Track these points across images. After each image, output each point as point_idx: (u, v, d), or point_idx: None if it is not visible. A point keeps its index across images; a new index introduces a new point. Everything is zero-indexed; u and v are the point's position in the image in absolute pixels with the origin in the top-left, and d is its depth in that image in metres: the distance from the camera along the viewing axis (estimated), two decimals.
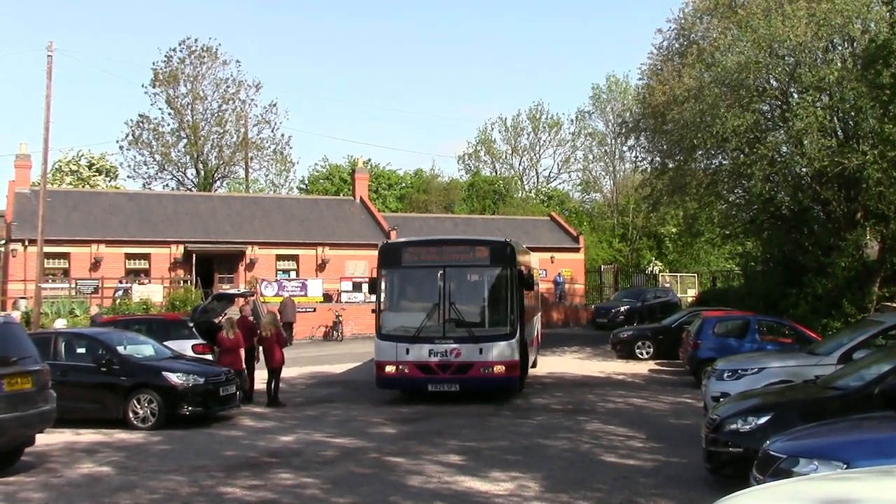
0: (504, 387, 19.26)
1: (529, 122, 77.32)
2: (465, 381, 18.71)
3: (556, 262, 50.63)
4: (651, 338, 29.64)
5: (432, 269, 19.36)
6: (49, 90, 35.16)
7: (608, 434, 14.99)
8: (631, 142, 35.02)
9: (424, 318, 19.18)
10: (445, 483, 11.27)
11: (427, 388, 18.95)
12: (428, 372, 18.86)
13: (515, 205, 69.82)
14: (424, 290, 19.91)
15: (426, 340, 18.91)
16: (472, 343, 18.75)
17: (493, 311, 19.82)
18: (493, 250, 19.63)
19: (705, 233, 36.66)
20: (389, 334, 19.32)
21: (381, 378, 19.32)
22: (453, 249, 19.96)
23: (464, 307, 19.54)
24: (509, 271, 19.29)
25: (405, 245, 20.59)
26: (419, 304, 20.04)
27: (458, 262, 19.59)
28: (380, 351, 19.34)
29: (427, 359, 18.84)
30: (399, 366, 18.97)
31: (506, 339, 18.91)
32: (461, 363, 18.66)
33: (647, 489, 10.76)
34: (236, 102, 62.75)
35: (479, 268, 19.88)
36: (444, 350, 18.73)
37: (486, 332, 19.15)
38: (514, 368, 18.89)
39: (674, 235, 57.67)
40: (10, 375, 12.03)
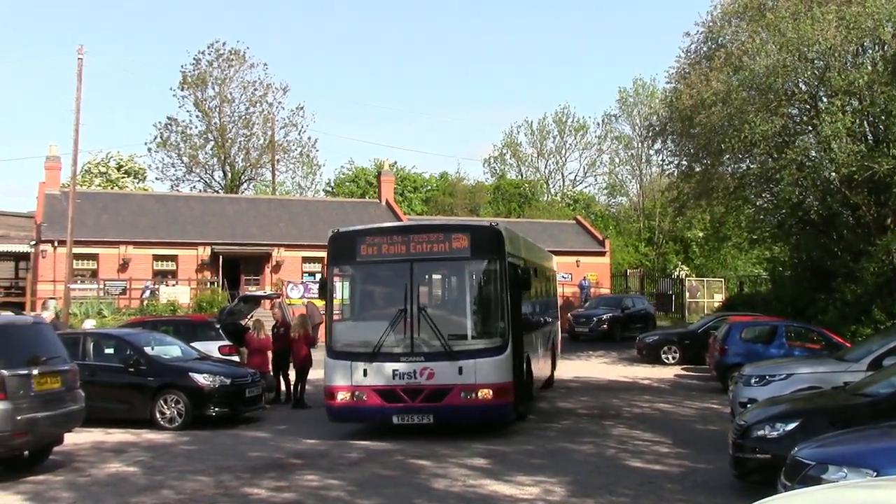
0: (493, 417, 15.14)
1: (555, 125, 77.16)
2: (440, 411, 14.60)
3: (581, 266, 50.43)
4: (677, 343, 29.52)
5: (397, 265, 15.34)
6: (79, 93, 35.57)
7: (634, 439, 14.93)
8: (658, 145, 34.87)
9: (387, 328, 14.95)
10: (470, 486, 11.26)
11: (392, 420, 14.86)
12: (392, 399, 14.76)
13: (541, 208, 69.63)
14: (387, 292, 16.27)
15: (390, 358, 14.83)
16: (449, 360, 14.66)
17: (477, 318, 15.72)
18: (476, 238, 15.30)
19: (732, 237, 36.42)
20: (342, 351, 15.25)
21: (331, 408, 15.18)
22: (424, 238, 15.45)
23: (438, 313, 15.85)
24: (498, 265, 15.11)
25: (361, 234, 15.91)
26: (380, 310, 16.14)
27: (431, 254, 15.32)
28: (330, 373, 15.19)
29: (391, 382, 14.73)
30: (355, 392, 14.86)
31: (494, 353, 14.78)
32: (435, 387, 14.57)
33: (674, 495, 10.71)
34: (263, 105, 63.08)
35: (458, 261, 15.54)
36: (414, 370, 14.65)
37: (468, 346, 15.03)
38: (505, 392, 14.72)
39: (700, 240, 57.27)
40: (40, 375, 12.15)
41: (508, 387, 14.83)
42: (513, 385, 14.92)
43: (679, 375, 26.18)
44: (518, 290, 15.84)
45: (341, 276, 15.98)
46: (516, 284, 15.62)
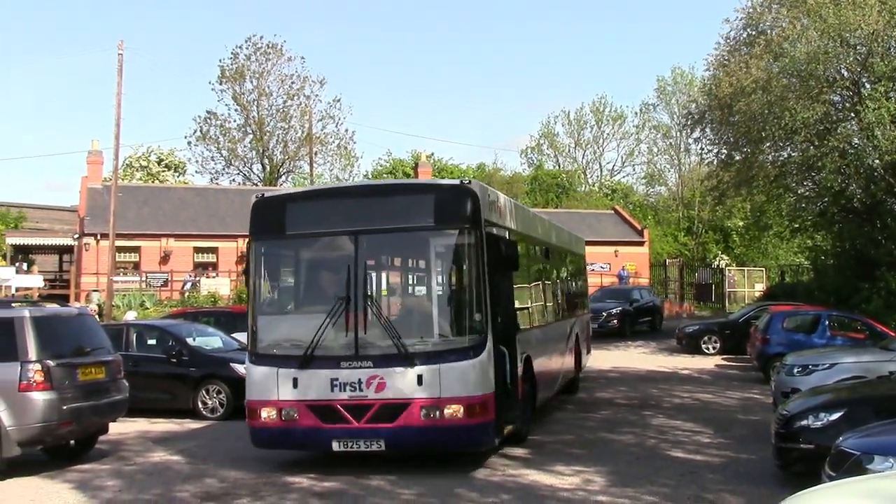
0: (464, 443, 11.39)
1: (593, 115, 76.69)
2: (394, 435, 11.03)
3: (620, 256, 50.25)
4: (718, 332, 29.32)
5: (338, 239, 11.95)
6: (120, 88, 35.97)
7: (674, 429, 14.84)
8: (696, 134, 34.53)
9: (324, 323, 11.32)
10: (510, 476, 11.28)
11: (331, 446, 11.28)
12: (331, 419, 11.16)
13: (579, 198, 69.34)
14: (324, 276, 12.66)
15: (327, 363, 11.28)
16: (405, 366, 11.04)
17: (444, 309, 12.01)
18: (442, 201, 11.57)
19: (773, 226, 36.09)
20: (267, 354, 11.75)
21: (255, 430, 11.70)
22: (373, 204, 11.93)
23: (392, 303, 13.01)
24: (473, 237, 11.34)
25: (291, 199, 12.70)
26: (315, 299, 12.47)
27: (383, 224, 11.71)
28: (252, 383, 11.74)
29: (329, 396, 11.17)
30: (282, 409, 11.34)
31: (466, 356, 11.08)
32: (387, 402, 11.02)
33: (715, 485, 10.64)
34: (301, 98, 63.40)
35: (419, 233, 11.93)
36: (358, 380, 11.08)
37: (430, 347, 11.36)
38: (481, 409, 11.03)
39: (741, 229, 56.83)
40: (85, 365, 12.36)
41: (486, 401, 11.08)
42: (492, 399, 11.21)
43: (719, 365, 26.00)
44: (505, 270, 12.29)
45: (266, 254, 12.34)
46: (501, 263, 11.86)
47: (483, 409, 11.11)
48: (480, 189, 11.76)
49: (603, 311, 33.48)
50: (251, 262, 12.16)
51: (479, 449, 11.75)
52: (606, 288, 39.93)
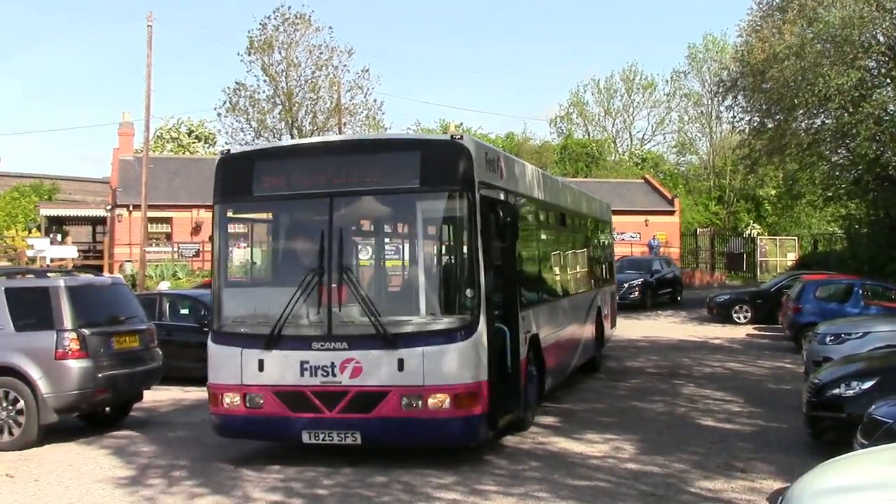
0: (451, 437, 10.02)
1: (623, 83, 75.95)
2: (370, 427, 9.84)
3: (650, 226, 49.96)
4: (749, 302, 29.21)
5: (310, 202, 10.61)
6: (149, 59, 36.08)
7: (705, 398, 14.82)
8: (728, 101, 34.16)
9: (294, 298, 10.06)
10: (540, 444, 11.32)
11: (301, 437, 10.10)
12: (300, 407, 9.99)
13: (609, 168, 68.90)
14: (295, 243, 11.47)
15: (297, 344, 10.08)
16: (384, 348, 9.79)
17: (430, 283, 10.61)
18: (430, 160, 10.19)
19: (806, 195, 35.72)
20: (230, 332, 10.57)
21: (217, 418, 10.57)
22: (350, 161, 10.44)
23: (371, 275, 11.87)
24: (465, 200, 10.00)
25: (259, 156, 11.36)
26: (285, 270, 11.29)
27: (361, 185, 10.40)
28: (214, 365, 10.55)
29: (298, 381, 9.98)
30: (247, 395, 10.21)
31: (455, 337, 9.79)
32: (363, 390, 9.81)
33: (746, 453, 10.63)
34: (329, 69, 63.08)
35: (402, 195, 10.56)
36: (331, 363, 9.86)
37: (413, 327, 10.01)
38: (472, 399, 9.75)
39: (773, 198, 56.25)
40: (119, 334, 12.53)
41: (476, 390, 9.76)
42: (485, 387, 9.88)
43: (751, 335, 25.89)
44: (505, 239, 10.89)
45: (232, 219, 11.19)
46: (499, 231, 10.55)
47: (473, 399, 9.76)
48: (474, 146, 10.25)
49: (624, 283, 31.76)
50: (215, 227, 10.95)
51: (467, 445, 10.23)
52: (626, 258, 38.47)
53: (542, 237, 14.33)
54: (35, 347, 11.80)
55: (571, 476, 9.60)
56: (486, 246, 10.17)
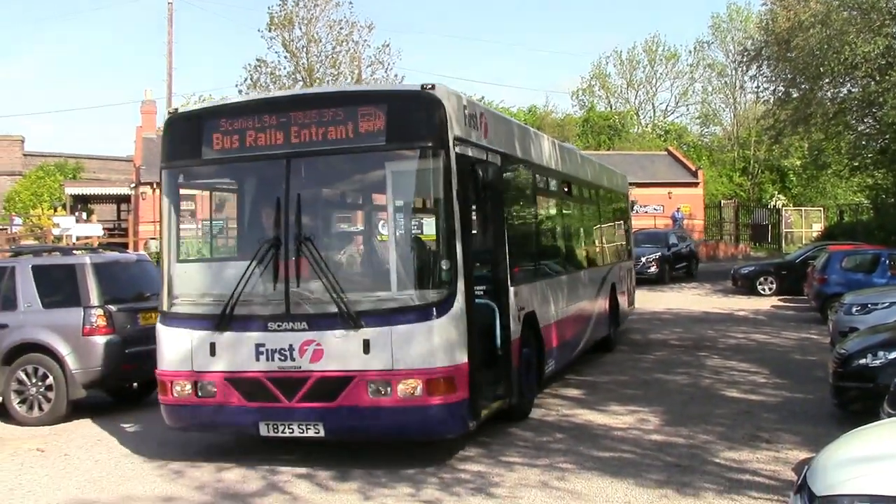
0: (426, 429, 8.95)
1: (645, 54, 75.37)
2: (335, 416, 8.80)
3: (673, 198, 49.69)
4: (774, 273, 29.06)
5: (266, 165, 9.51)
6: (170, 37, 36.31)
7: (729, 369, 14.77)
8: (752, 71, 33.93)
9: (248, 273, 9.04)
10: (565, 416, 11.35)
11: (258, 429, 9.10)
12: (257, 396, 9.00)
13: (631, 140, 68.52)
14: (250, 212, 10.54)
15: (251, 324, 9.06)
16: (348, 327, 8.73)
17: (399, 254, 9.33)
18: (398, 114, 9.06)
19: (832, 165, 35.51)
20: (180, 312, 9.58)
21: (167, 408, 9.57)
22: (312, 118, 9.16)
23: (333, 246, 10.47)
24: (438, 159, 8.87)
25: (210, 114, 9.90)
26: (240, 242, 10.83)
27: (323, 144, 9.12)
28: (162, 350, 9.57)
29: (253, 366, 8.99)
30: (198, 383, 9.26)
31: (428, 315, 8.69)
32: (325, 375, 8.77)
33: (771, 424, 10.61)
34: (350, 44, 62.98)
35: (365, 155, 9.40)
36: (290, 346, 8.87)
37: (380, 303, 8.91)
38: (448, 385, 8.68)
39: (798, 168, 55.84)
40: (145, 310, 12.63)
41: (453, 374, 8.68)
42: (464, 371, 8.80)
43: (776, 306, 25.76)
44: (489, 204, 10.21)
45: (181, 185, 10.18)
46: (481, 195, 9.83)
47: (450, 384, 8.66)
48: (448, 97, 9.05)
49: (641, 257, 30.79)
50: (163, 195, 10.02)
51: (444, 437, 9.21)
52: (641, 231, 35.94)
53: (541, 206, 13.29)
54: (63, 324, 11.95)
55: (596, 447, 9.62)
56: (465, 212, 9.10)
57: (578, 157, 16.27)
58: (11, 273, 12.41)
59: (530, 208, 12.54)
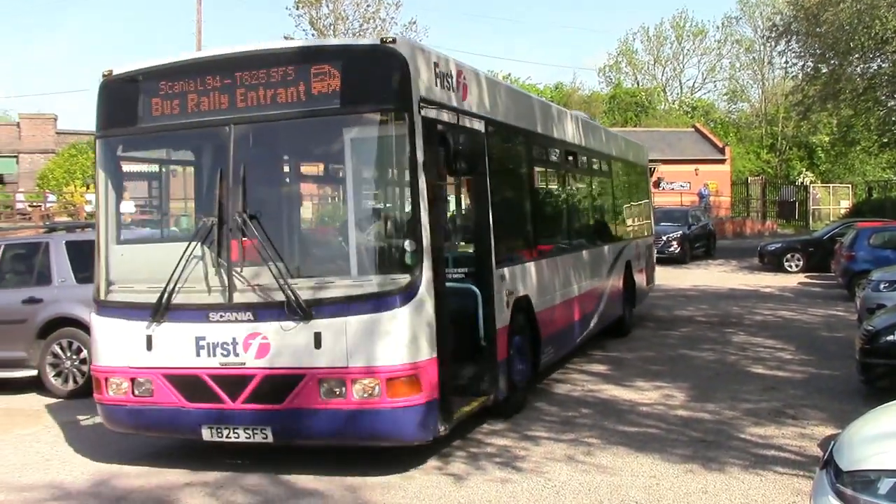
0: (385, 433, 7.77)
1: (673, 30, 74.97)
2: (284, 420, 7.77)
3: (700, 175, 49.49)
4: (801, 250, 28.93)
5: (206, 134, 8.52)
6: (199, 15, 36.36)
7: (755, 346, 14.77)
8: (781, 47, 33.63)
9: (187, 256, 8.03)
10: (590, 391, 11.42)
11: (200, 433, 8.04)
12: (197, 396, 7.98)
13: (658, 117, 68.20)
14: (192, 187, 9.82)
15: (190, 314, 8.04)
16: (297, 318, 7.66)
17: (356, 234, 8.12)
18: (351, 72, 7.84)
19: (861, 141, 35.19)
20: (114, 301, 8.52)
21: (103, 408, 8.63)
22: (256, 79, 8.04)
23: (281, 225, 8.91)
24: (401, 125, 7.78)
25: (148, 76, 8.59)
26: (180, 221, 10.22)
27: (268, 108, 8.00)
28: (96, 342, 8.60)
29: (193, 362, 7.98)
30: (135, 380, 8.25)
31: (388, 304, 7.60)
32: (272, 373, 7.75)
33: (797, 400, 10.63)
34: (376, 21, 63.11)
35: (317, 120, 8.12)
36: (232, 338, 7.84)
37: (333, 291, 7.76)
38: (410, 385, 7.59)
39: (826, 144, 55.36)
40: None
41: (417, 371, 7.59)
42: (432, 367, 7.75)
43: (802, 283, 25.66)
44: (474, 177, 9.26)
45: (116, 157, 9.03)
46: (458, 165, 8.43)
47: (413, 383, 7.57)
48: (415, 52, 7.96)
49: (662, 236, 29.68)
50: (98, 168, 8.87)
51: (408, 443, 7.99)
52: (660, 209, 33.18)
53: (539, 179, 12.17)
54: None
55: (622, 423, 9.68)
56: (434, 186, 7.94)
57: (587, 126, 14.77)
58: (46, 249, 12.62)
59: (525, 181, 11.41)
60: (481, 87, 9.71)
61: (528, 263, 10.66)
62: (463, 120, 8.94)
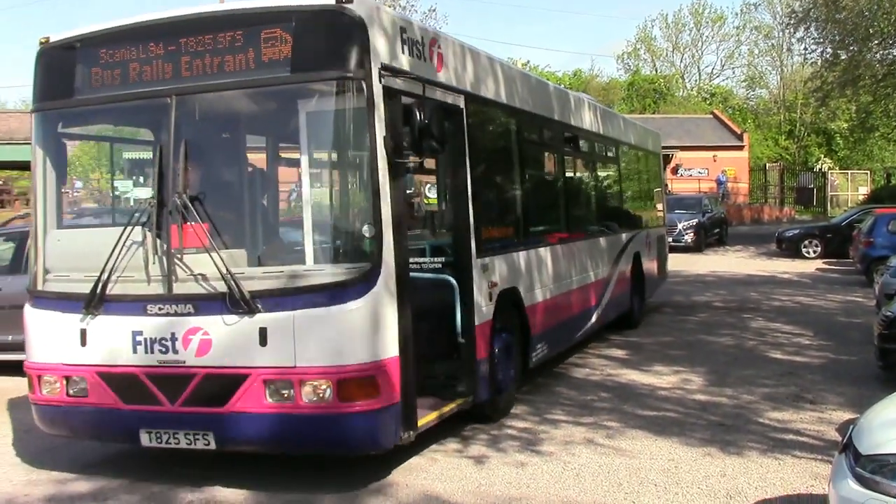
0: (338, 441, 6.87)
1: (691, 17, 74.47)
2: (227, 425, 6.91)
3: (718, 161, 49.32)
4: (819, 236, 28.94)
5: (145, 106, 7.63)
6: None
7: (773, 331, 14.80)
8: (800, 33, 33.46)
9: (123, 242, 7.16)
10: (609, 376, 11.49)
11: (139, 439, 7.22)
12: (135, 397, 7.15)
13: (676, 103, 67.92)
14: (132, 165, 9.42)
15: (126, 306, 7.20)
16: (239, 312, 6.81)
17: (305, 218, 7.13)
18: (302, 35, 6.90)
19: (880, 127, 35.02)
20: (48, 291, 7.71)
21: (37, 409, 7.79)
22: (201, 44, 7.15)
23: (229, 208, 8.18)
24: (357, 95, 6.86)
25: (86, 45, 7.68)
26: (119, 204, 9.35)
27: (213, 77, 7.13)
28: (30, 337, 7.76)
29: (130, 359, 7.14)
30: (69, 378, 7.46)
31: (341, 296, 6.70)
32: (214, 372, 6.90)
33: (815, 385, 10.65)
34: (396, 9, 63.11)
35: (264, 90, 7.35)
36: (171, 334, 7.00)
37: (280, 282, 6.90)
38: (366, 387, 6.71)
39: (845, 131, 55.08)
40: None
41: (375, 373, 6.74)
42: (393, 367, 6.89)
43: (820, 269, 25.63)
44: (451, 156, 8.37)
45: (55, 131, 8.14)
46: (432, 142, 7.24)
47: (370, 386, 6.73)
48: (375, 14, 7.12)
49: (677, 223, 29.50)
50: (35, 146, 7.98)
51: (365, 452, 7.21)
52: (672, 196, 33.93)
53: (531, 162, 11.25)
54: None
55: (640, 407, 9.73)
56: (397, 165, 7.04)
57: (590, 108, 13.71)
58: None
59: (515, 165, 10.42)
60: (461, 58, 8.84)
61: (518, 253, 9.82)
62: (436, 93, 8.01)
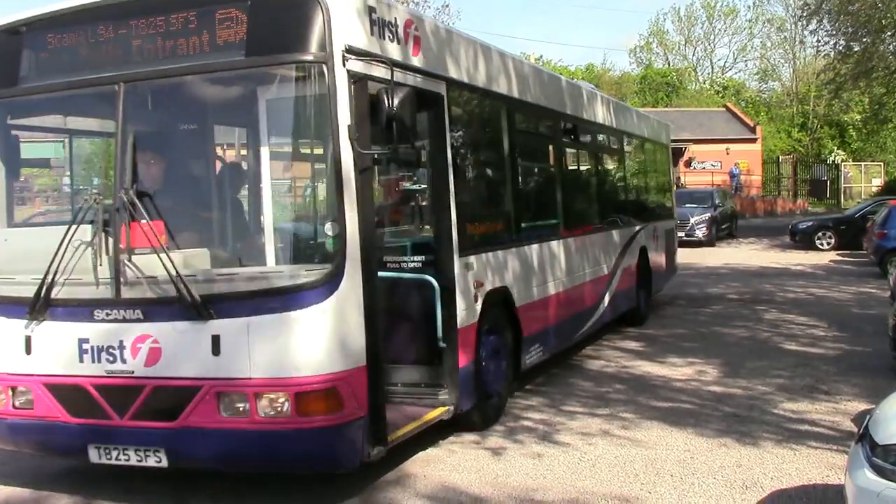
0: (297, 459, 6.25)
1: (704, 10, 74.44)
2: (178, 440, 6.28)
3: (731, 154, 49.25)
4: (832, 228, 28.91)
5: (91, 95, 6.93)
6: None
7: (787, 323, 14.80)
8: (813, 25, 33.32)
9: (68, 242, 6.43)
10: (624, 367, 11.53)
11: (87, 455, 6.58)
12: (83, 410, 6.50)
13: (689, 96, 67.76)
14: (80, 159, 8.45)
15: (72, 312, 6.56)
16: (191, 318, 6.18)
17: (263, 215, 6.59)
18: (258, 15, 6.25)
19: (893, 119, 34.88)
20: None
21: None
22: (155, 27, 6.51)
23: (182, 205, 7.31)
24: (321, 80, 6.17)
25: (33, 29, 6.99)
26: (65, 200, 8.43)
27: (164, 62, 6.49)
28: None
29: (76, 368, 6.51)
30: (14, 389, 6.86)
31: (301, 301, 6.04)
32: (164, 384, 6.26)
33: (830, 376, 10.67)
34: (410, 5, 63.13)
35: (219, 75, 6.60)
36: (119, 341, 6.35)
37: (233, 285, 6.26)
38: (328, 400, 6.06)
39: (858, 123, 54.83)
40: None
41: (337, 385, 6.14)
42: (358, 378, 6.32)
43: (834, 261, 25.60)
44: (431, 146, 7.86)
45: (4, 123, 7.45)
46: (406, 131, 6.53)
47: (332, 399, 6.13)
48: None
49: (689, 217, 29.26)
50: None
51: (328, 471, 6.77)
52: (680, 190, 33.46)
53: (524, 154, 10.45)
54: None
55: (656, 398, 9.77)
56: (364, 156, 6.39)
57: (591, 97, 12.95)
58: None
59: (504, 157, 9.66)
60: (443, 42, 8.13)
61: (507, 251, 9.16)
62: (411, 78, 7.30)
